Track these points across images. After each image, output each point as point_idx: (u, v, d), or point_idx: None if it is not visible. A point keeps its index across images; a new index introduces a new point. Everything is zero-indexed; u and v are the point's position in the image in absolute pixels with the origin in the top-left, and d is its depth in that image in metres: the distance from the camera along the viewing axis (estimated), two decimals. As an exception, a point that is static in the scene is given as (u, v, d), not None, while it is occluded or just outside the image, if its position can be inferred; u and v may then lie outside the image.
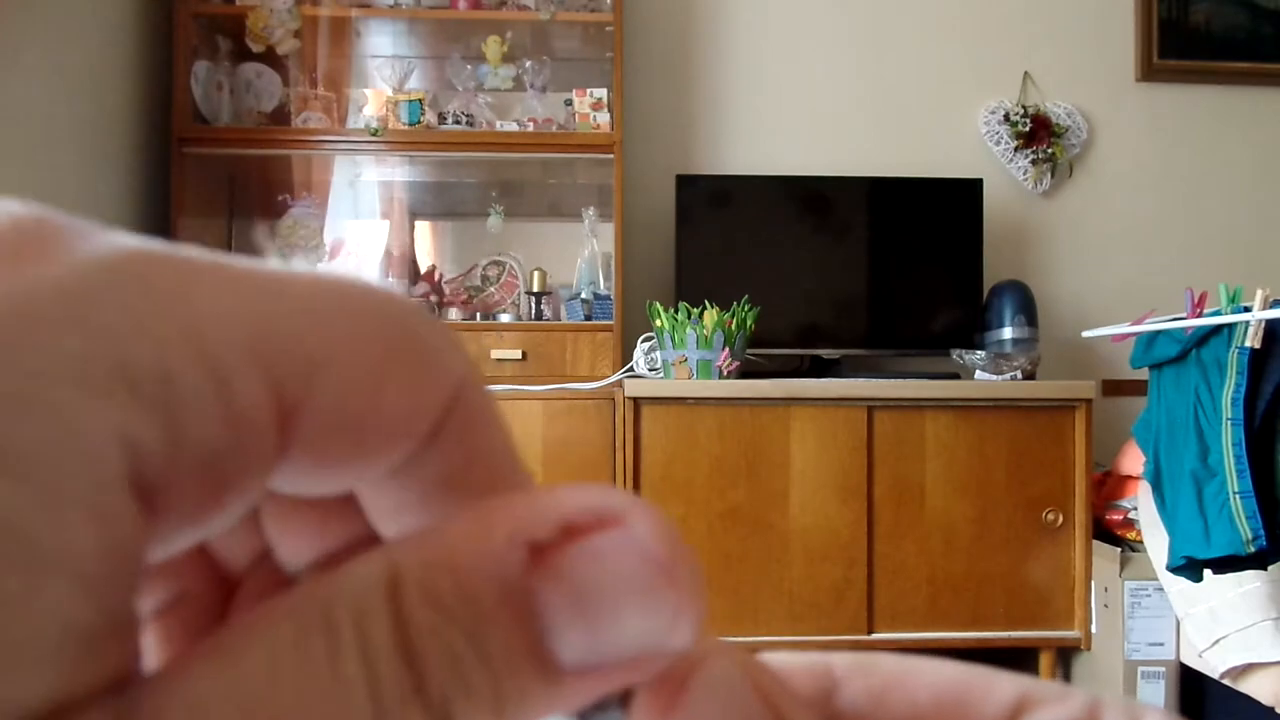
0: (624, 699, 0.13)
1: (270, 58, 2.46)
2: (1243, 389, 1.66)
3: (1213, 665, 1.87)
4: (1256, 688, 1.81)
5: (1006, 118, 2.74)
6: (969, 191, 2.56)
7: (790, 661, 0.16)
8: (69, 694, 0.10)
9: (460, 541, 0.12)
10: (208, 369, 0.12)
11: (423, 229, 2.71)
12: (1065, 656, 2.28)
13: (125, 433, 0.11)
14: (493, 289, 2.58)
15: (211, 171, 2.46)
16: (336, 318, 0.13)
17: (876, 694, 0.15)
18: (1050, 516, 2.14)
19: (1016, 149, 2.73)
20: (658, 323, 2.22)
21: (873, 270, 2.54)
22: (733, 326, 2.18)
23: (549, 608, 0.12)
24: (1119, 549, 2.14)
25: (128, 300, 0.11)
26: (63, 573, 0.10)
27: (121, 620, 0.11)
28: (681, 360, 2.18)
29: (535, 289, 2.50)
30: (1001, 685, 0.15)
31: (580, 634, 0.12)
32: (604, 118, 2.46)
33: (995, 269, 2.60)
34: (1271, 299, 1.68)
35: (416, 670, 0.11)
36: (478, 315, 2.50)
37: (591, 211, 2.58)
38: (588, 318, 2.45)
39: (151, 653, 0.17)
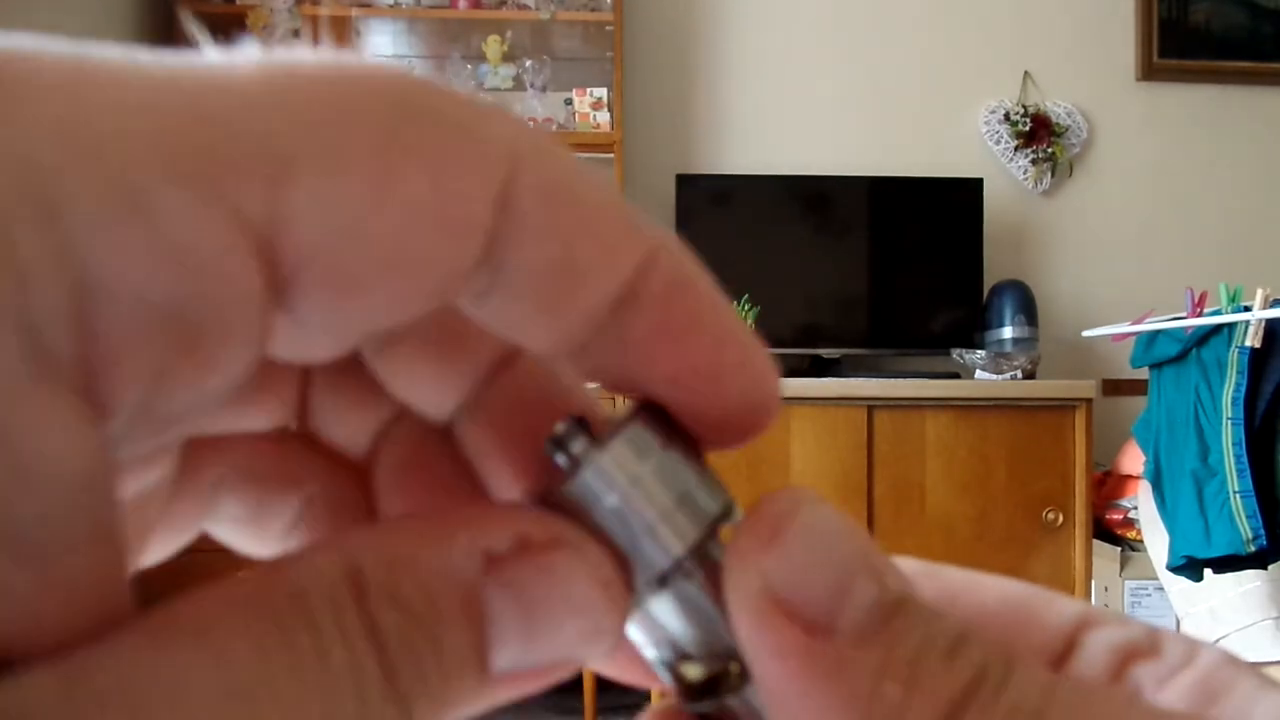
0: (699, 560, 0.14)
1: (270, 57, 2.46)
2: (1243, 388, 1.66)
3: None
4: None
5: (1006, 117, 2.74)
6: (969, 191, 2.56)
7: None
8: None
9: (422, 545, 0.12)
10: (113, 193, 0.09)
11: (423, 229, 2.71)
12: (1065, 656, 2.28)
13: (3, 308, 0.08)
14: (493, 289, 2.59)
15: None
16: (307, 101, 0.10)
17: (947, 596, 0.16)
18: (1050, 516, 2.14)
19: (1016, 148, 2.73)
20: (658, 322, 2.22)
21: (873, 270, 2.54)
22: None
23: (497, 615, 0.12)
24: (1119, 549, 2.15)
25: None
26: None
27: (54, 542, 0.09)
28: (681, 360, 2.18)
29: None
30: (1066, 602, 0.15)
31: (517, 644, 0.12)
32: (604, 117, 2.46)
33: (995, 269, 2.60)
34: (1271, 299, 1.68)
35: (388, 664, 0.11)
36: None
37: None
38: (588, 317, 2.45)
39: None
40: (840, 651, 0.12)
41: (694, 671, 0.14)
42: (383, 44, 2.61)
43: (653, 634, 0.14)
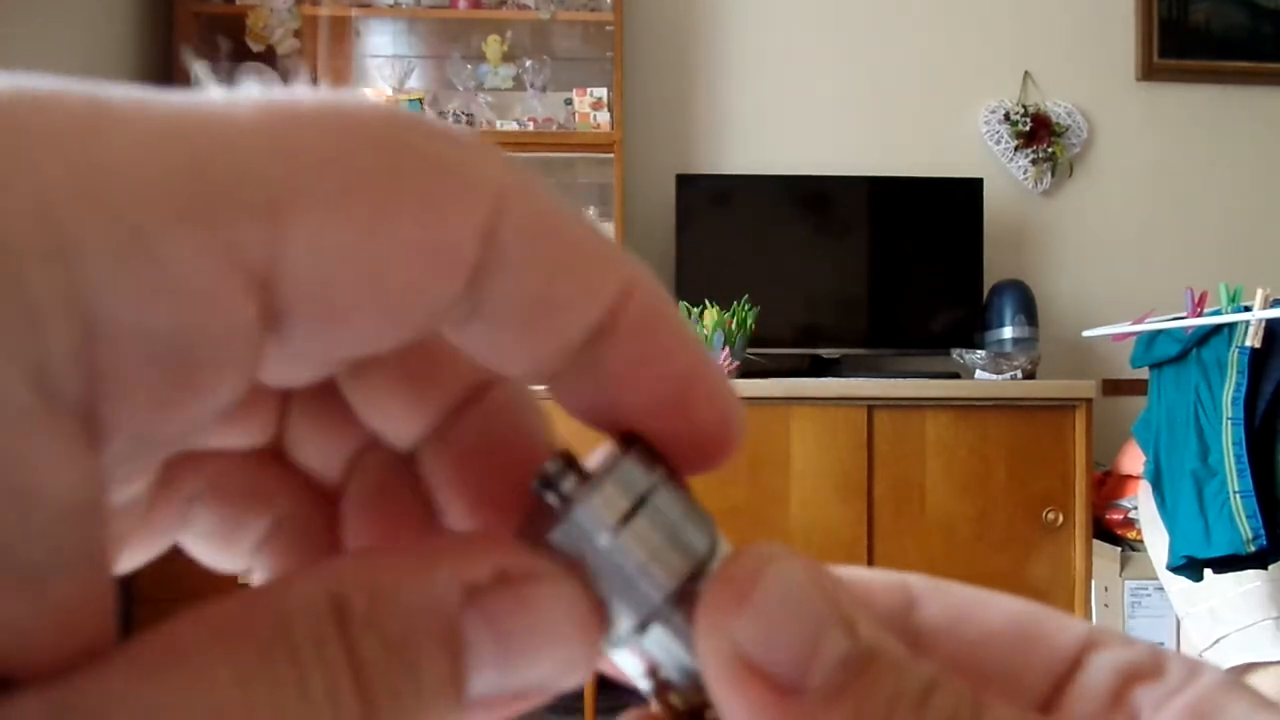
0: (682, 599, 0.14)
1: (270, 57, 2.46)
2: (1243, 388, 1.66)
3: (1213, 665, 1.87)
4: (1257, 687, 1.81)
5: (1006, 117, 2.74)
6: (969, 191, 2.56)
7: (869, 576, 0.16)
8: None
9: (405, 576, 0.12)
10: (121, 232, 0.09)
11: (423, 229, 2.71)
12: (1065, 656, 2.28)
13: (17, 347, 0.09)
14: (493, 289, 2.59)
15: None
16: (303, 141, 0.10)
17: (953, 615, 0.16)
18: (1050, 516, 2.14)
19: (1016, 148, 2.73)
20: (658, 322, 2.22)
21: (873, 270, 2.54)
22: (733, 326, 2.18)
23: (475, 645, 0.12)
24: (1119, 548, 2.15)
25: None
26: None
27: (50, 565, 0.09)
28: (681, 360, 2.18)
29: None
30: (1072, 623, 0.16)
31: (493, 673, 0.12)
32: (604, 117, 2.46)
33: (995, 269, 2.60)
34: (1271, 298, 1.68)
35: (368, 698, 0.11)
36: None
37: (591, 211, 2.58)
38: (588, 317, 2.45)
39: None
40: (810, 711, 0.13)
41: (679, 700, 0.14)
42: (383, 44, 2.61)
43: (639, 662, 0.15)
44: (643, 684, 0.15)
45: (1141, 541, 2.05)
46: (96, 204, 0.09)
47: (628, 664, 0.15)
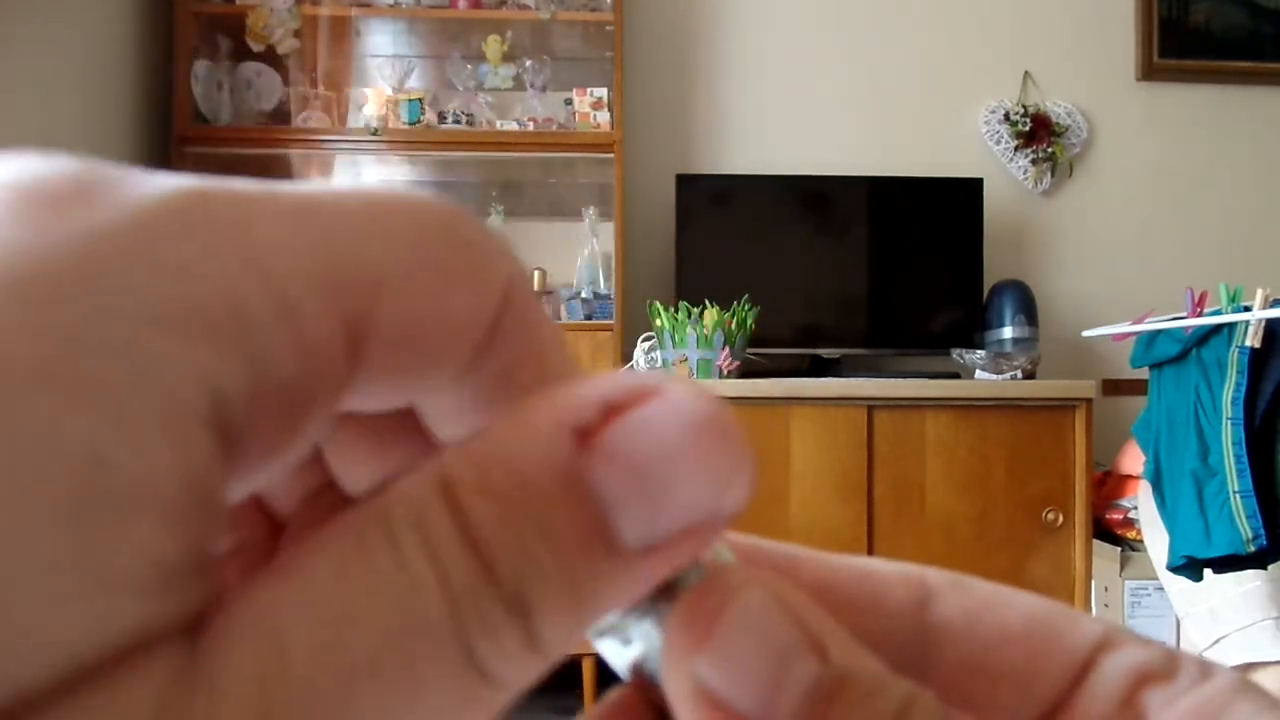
0: (669, 593, 0.14)
1: (270, 57, 2.46)
2: (1243, 388, 1.66)
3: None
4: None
5: (1006, 117, 2.74)
6: (969, 191, 2.56)
7: (886, 570, 0.16)
8: (148, 628, 0.10)
9: (506, 437, 0.12)
10: (277, 300, 0.11)
11: (423, 229, 2.71)
12: (1065, 656, 2.28)
13: (204, 371, 0.11)
14: (493, 289, 2.58)
15: (211, 171, 2.41)
16: (390, 232, 0.13)
17: (970, 612, 0.16)
18: (1050, 516, 2.14)
19: (1016, 148, 2.73)
20: (658, 322, 2.22)
21: (873, 270, 2.54)
22: (733, 326, 2.18)
23: (606, 485, 0.12)
24: (1119, 548, 2.15)
25: (190, 236, 0.11)
26: (149, 509, 0.10)
27: (202, 559, 0.11)
28: (682, 360, 2.18)
29: (535, 288, 2.49)
30: (1089, 623, 0.16)
31: (640, 509, 0.12)
32: (604, 117, 2.46)
33: (995, 269, 2.60)
34: (1271, 298, 1.68)
35: (484, 559, 0.11)
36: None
37: (591, 211, 2.58)
38: (588, 317, 2.45)
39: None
40: None
41: (661, 697, 0.14)
42: (383, 44, 2.61)
43: (626, 655, 0.15)
44: (629, 678, 0.15)
45: (1141, 541, 2.06)
46: (260, 276, 0.11)
47: (615, 656, 0.15)
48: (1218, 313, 1.74)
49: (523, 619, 0.11)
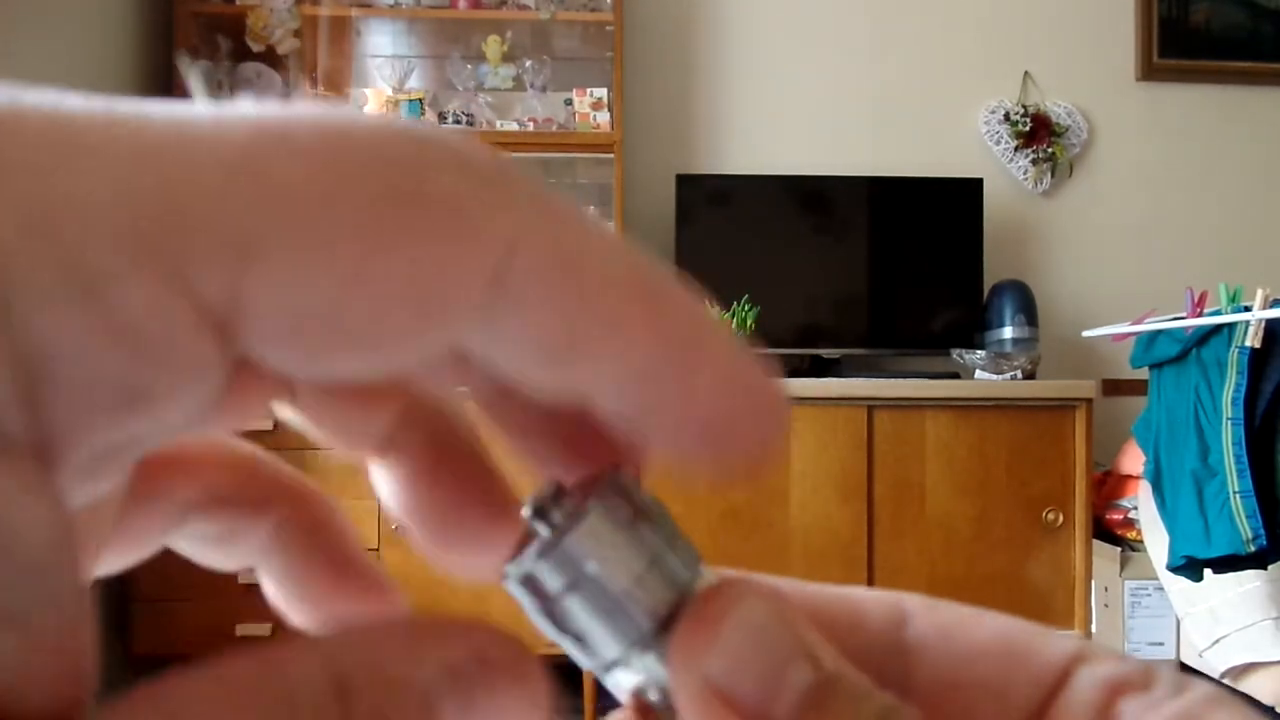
0: (667, 625, 0.14)
1: (270, 57, 2.46)
2: (1243, 388, 1.66)
3: (1213, 665, 1.87)
4: (1257, 687, 1.81)
5: (1006, 117, 2.74)
6: (969, 191, 2.56)
7: (862, 595, 0.17)
8: None
9: (395, 656, 0.13)
10: (67, 276, 0.09)
11: (423, 229, 2.71)
12: (1065, 656, 2.28)
13: None
14: (493, 289, 2.58)
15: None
16: (295, 177, 0.10)
17: (944, 630, 0.16)
18: (1050, 516, 2.14)
19: (1016, 149, 2.73)
20: (658, 322, 2.21)
21: (873, 270, 2.54)
22: (733, 326, 2.19)
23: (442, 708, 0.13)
24: (1119, 549, 2.15)
25: None
26: None
27: (47, 608, 0.09)
28: (681, 360, 2.18)
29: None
30: (1062, 639, 0.16)
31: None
32: (604, 117, 2.46)
33: (995, 269, 2.60)
34: (1271, 299, 1.68)
35: None
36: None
37: (591, 211, 2.58)
38: (588, 317, 2.45)
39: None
40: None
41: (662, 712, 0.15)
42: (383, 44, 2.61)
43: (626, 683, 0.15)
44: (629, 702, 0.16)
45: (1141, 541, 2.05)
46: (46, 243, 0.09)
47: (616, 686, 0.15)
48: (1218, 313, 1.74)
49: None
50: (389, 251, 0.10)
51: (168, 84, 2.38)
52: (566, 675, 2.25)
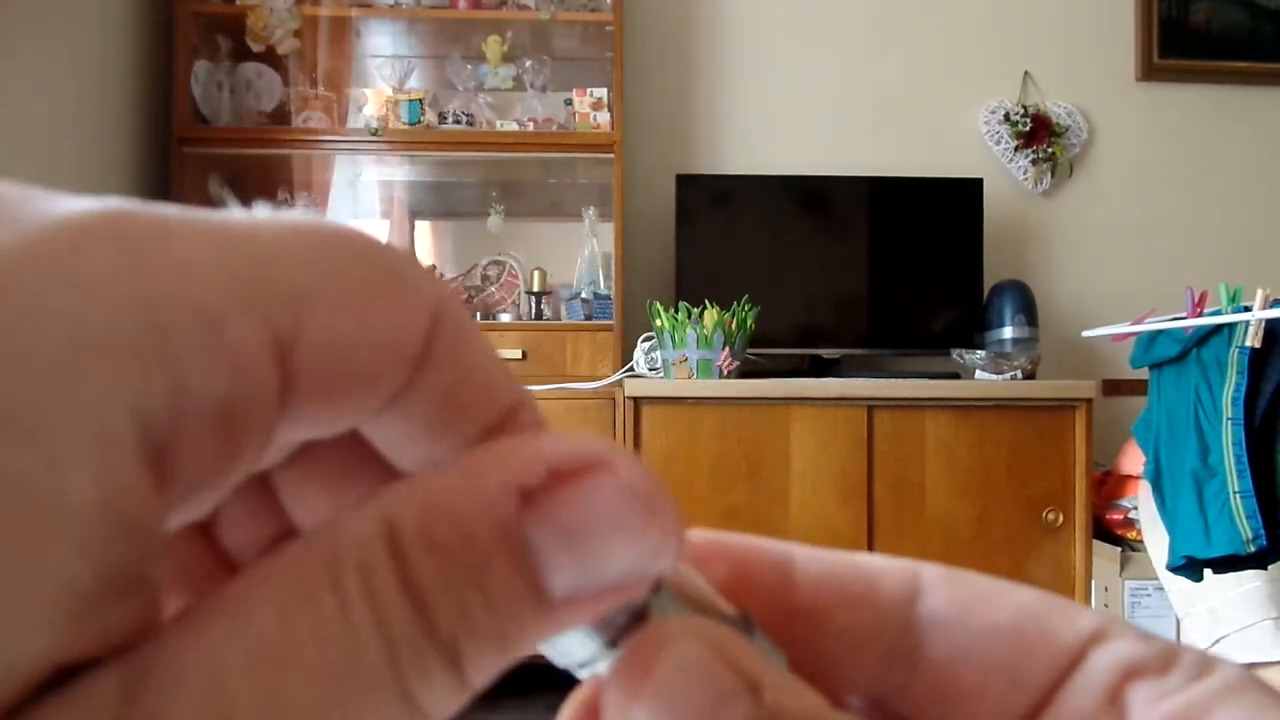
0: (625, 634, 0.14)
1: (270, 57, 2.46)
2: (1243, 388, 1.66)
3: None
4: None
5: (1006, 117, 2.74)
6: (969, 191, 2.56)
7: (880, 563, 0.17)
8: (68, 654, 0.10)
9: (454, 490, 0.13)
10: (200, 317, 0.11)
11: (423, 229, 2.71)
12: (1065, 656, 2.28)
13: (124, 389, 0.11)
14: (493, 289, 2.58)
15: (211, 171, 2.45)
16: (313, 253, 0.13)
17: (962, 605, 0.16)
18: (1050, 516, 2.14)
19: (1016, 149, 2.73)
20: (658, 322, 2.22)
21: (873, 270, 2.54)
22: (733, 326, 2.18)
23: (542, 546, 0.13)
24: (1119, 549, 2.15)
25: (107, 256, 0.11)
26: (65, 533, 0.10)
27: (129, 583, 0.11)
28: (682, 360, 2.18)
29: (535, 289, 2.50)
30: (1084, 615, 0.16)
31: (570, 566, 0.13)
32: (604, 117, 2.46)
33: (995, 269, 2.60)
34: (1272, 299, 1.68)
35: (425, 613, 0.12)
36: (478, 315, 2.50)
37: (591, 211, 2.58)
38: (588, 317, 2.45)
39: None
40: None
41: None
42: (383, 44, 2.61)
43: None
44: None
45: (1141, 541, 2.05)
46: (185, 296, 0.11)
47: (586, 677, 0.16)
48: (1218, 313, 1.74)
49: (455, 666, 0.12)
50: (377, 303, 0.13)
51: (168, 84, 2.38)
52: (566, 675, 2.24)
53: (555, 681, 0.14)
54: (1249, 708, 0.14)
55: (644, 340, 2.34)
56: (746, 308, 2.23)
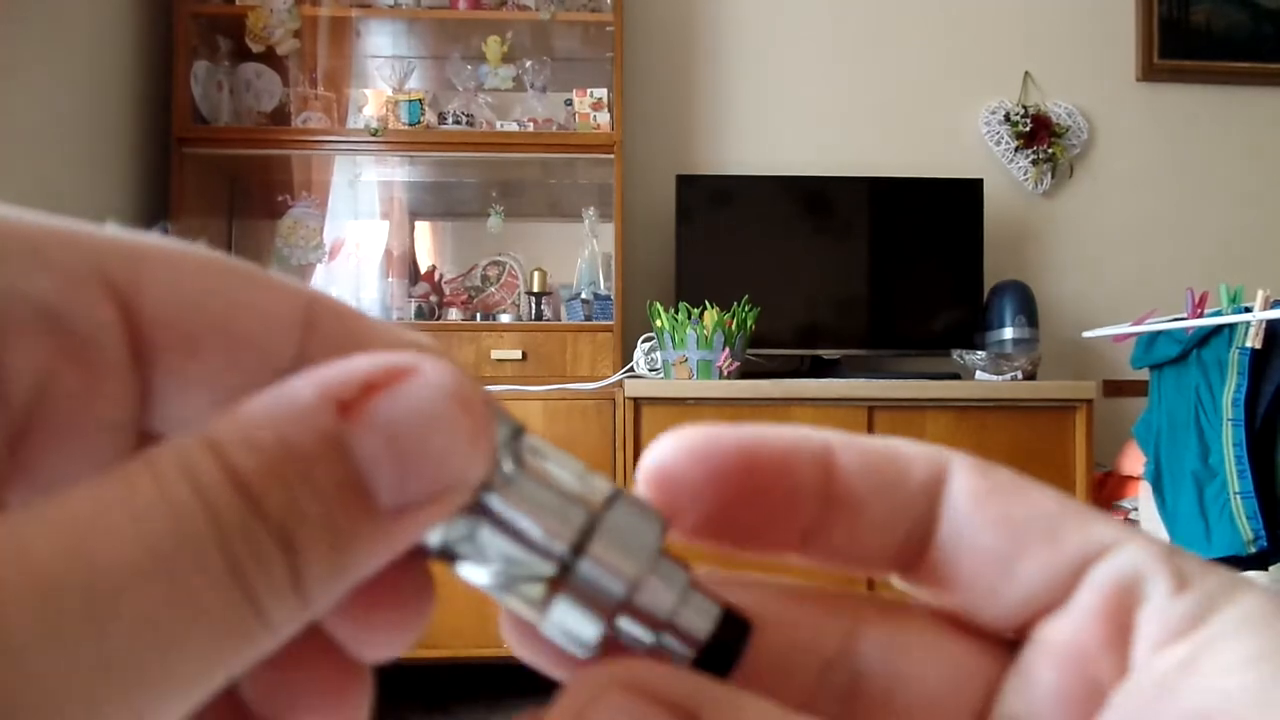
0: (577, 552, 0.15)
1: (270, 58, 2.46)
2: (1243, 389, 1.66)
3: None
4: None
5: (1007, 118, 2.74)
6: (969, 191, 2.56)
7: (912, 450, 0.17)
8: None
9: (271, 407, 0.13)
10: (22, 242, 0.12)
11: (423, 229, 2.71)
12: (1065, 657, 2.28)
13: None
14: (493, 289, 2.58)
15: (211, 171, 2.45)
16: (161, 241, 0.13)
17: (978, 496, 0.16)
18: (1050, 517, 2.14)
19: (1017, 149, 2.73)
20: (658, 323, 2.22)
21: (873, 270, 2.54)
22: (733, 326, 2.18)
23: (362, 449, 0.13)
24: (1119, 549, 2.14)
25: None
26: None
27: None
28: (682, 360, 2.18)
29: (535, 289, 2.50)
30: (1100, 525, 0.16)
31: (392, 471, 0.13)
32: (604, 118, 2.46)
33: (995, 269, 2.60)
34: (1272, 299, 1.68)
35: (250, 496, 0.12)
36: (478, 315, 2.50)
37: (591, 211, 2.58)
38: (588, 318, 2.45)
39: None
40: None
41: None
42: (383, 44, 2.61)
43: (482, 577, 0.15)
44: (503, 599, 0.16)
45: (1142, 542, 2.05)
46: (7, 228, 0.12)
47: (475, 576, 0.15)
48: (1218, 313, 1.74)
49: (288, 554, 0.12)
50: (241, 285, 0.14)
51: (168, 84, 2.38)
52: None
53: (556, 683, 0.14)
54: (1265, 649, 0.13)
55: (644, 341, 2.34)
56: (746, 308, 2.23)
